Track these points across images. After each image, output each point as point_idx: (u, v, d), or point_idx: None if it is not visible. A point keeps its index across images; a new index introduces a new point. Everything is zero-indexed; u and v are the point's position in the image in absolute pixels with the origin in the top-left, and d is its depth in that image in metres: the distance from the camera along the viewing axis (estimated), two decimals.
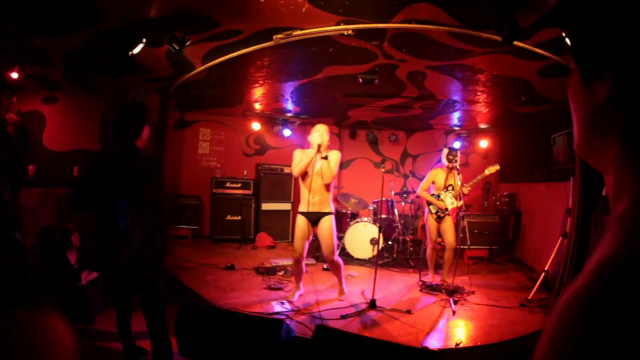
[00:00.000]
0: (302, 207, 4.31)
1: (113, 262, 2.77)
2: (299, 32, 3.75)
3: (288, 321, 3.97)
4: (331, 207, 4.36)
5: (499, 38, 3.05)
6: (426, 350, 1.93)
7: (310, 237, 4.38)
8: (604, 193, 3.50)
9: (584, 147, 0.65)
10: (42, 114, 5.83)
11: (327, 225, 4.28)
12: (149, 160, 2.84)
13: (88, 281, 4.14)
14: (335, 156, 4.29)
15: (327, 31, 3.65)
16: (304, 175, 4.25)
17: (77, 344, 0.87)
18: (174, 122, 7.52)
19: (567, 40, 3.02)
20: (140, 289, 2.94)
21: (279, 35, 3.87)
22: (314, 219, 4.30)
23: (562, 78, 4.12)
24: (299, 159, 4.23)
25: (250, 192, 7.85)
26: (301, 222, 4.29)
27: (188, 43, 3.78)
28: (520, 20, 2.83)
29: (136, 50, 3.74)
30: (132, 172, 2.74)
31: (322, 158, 4.17)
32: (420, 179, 8.77)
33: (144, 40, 3.69)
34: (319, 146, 4.16)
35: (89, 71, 4.60)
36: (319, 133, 4.22)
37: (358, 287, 5.23)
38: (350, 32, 3.55)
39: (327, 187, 4.28)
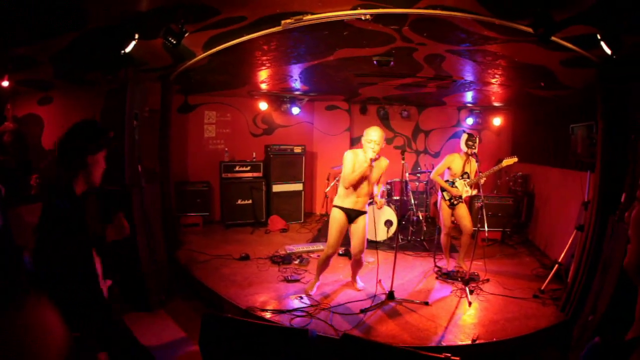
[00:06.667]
0: (345, 204, 4.23)
1: None
2: (310, 16, 3.43)
3: (308, 319, 3.98)
4: (367, 207, 4.37)
5: (530, 30, 2.81)
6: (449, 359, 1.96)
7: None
8: (622, 199, 3.38)
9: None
10: (38, 116, 5.58)
11: (364, 223, 4.30)
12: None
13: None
14: (384, 165, 4.26)
15: (342, 16, 3.33)
16: None
17: (68, 334, 0.87)
18: (178, 106, 7.22)
19: (603, 44, 2.82)
20: None
21: (288, 20, 3.54)
22: (353, 216, 4.27)
23: (585, 69, 3.93)
24: (351, 169, 4.10)
25: (260, 174, 7.67)
26: (341, 217, 4.23)
27: (186, 35, 3.46)
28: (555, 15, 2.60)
29: (129, 49, 3.43)
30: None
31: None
32: (433, 155, 8.82)
33: (137, 36, 3.37)
34: (372, 160, 4.04)
35: (80, 69, 4.30)
36: (374, 144, 4.04)
37: (374, 274, 5.13)
38: (368, 16, 3.23)
39: (371, 189, 4.29)
